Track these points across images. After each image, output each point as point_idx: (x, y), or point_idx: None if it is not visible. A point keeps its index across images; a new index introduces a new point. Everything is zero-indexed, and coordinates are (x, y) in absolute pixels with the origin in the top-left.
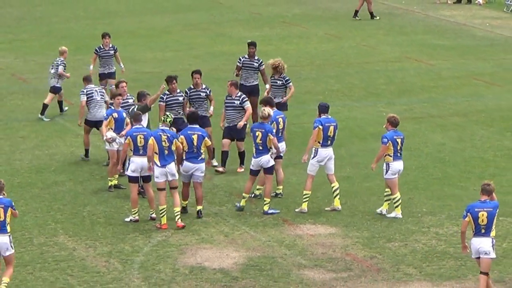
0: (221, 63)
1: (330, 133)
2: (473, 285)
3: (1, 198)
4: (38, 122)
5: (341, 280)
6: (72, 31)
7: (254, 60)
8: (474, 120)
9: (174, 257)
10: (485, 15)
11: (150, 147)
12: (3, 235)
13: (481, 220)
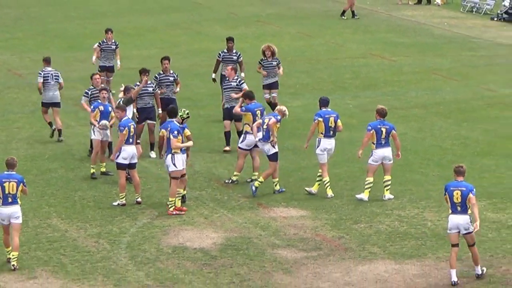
0: (201, 60)
1: (331, 124)
2: (432, 263)
3: (15, 174)
4: (33, 114)
5: (311, 259)
6: (65, 31)
7: (232, 53)
8: (433, 111)
9: (158, 237)
10: (443, 15)
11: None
12: (15, 205)
13: (455, 198)
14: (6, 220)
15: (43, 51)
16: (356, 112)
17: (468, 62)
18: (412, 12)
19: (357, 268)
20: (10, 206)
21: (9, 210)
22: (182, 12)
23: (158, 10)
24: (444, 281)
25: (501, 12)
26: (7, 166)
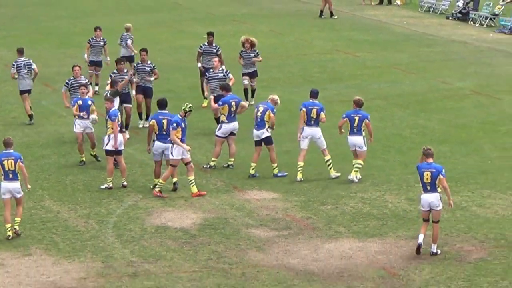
0: (182, 56)
1: (313, 114)
2: (392, 241)
3: (12, 152)
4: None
5: (282, 237)
6: (56, 29)
7: (212, 46)
8: (393, 103)
9: (142, 218)
10: (403, 15)
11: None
12: (16, 182)
13: (426, 179)
14: (8, 194)
15: (37, 48)
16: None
17: (425, 58)
18: (374, 12)
19: (324, 245)
20: (12, 181)
21: (11, 185)
22: (164, 12)
23: (142, 10)
24: (403, 258)
25: (455, 12)
26: (4, 145)
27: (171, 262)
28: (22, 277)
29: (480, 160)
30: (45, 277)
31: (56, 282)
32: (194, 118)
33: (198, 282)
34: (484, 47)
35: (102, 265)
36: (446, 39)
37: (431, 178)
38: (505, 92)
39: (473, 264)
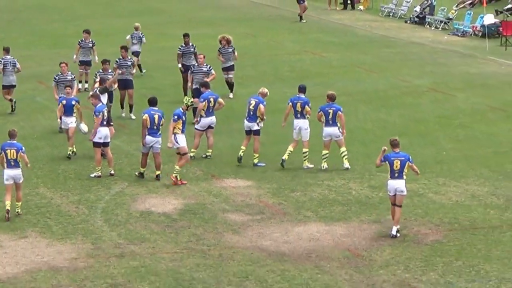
0: (165, 56)
1: (298, 108)
2: (356, 225)
3: (15, 142)
4: (23, 101)
5: (256, 221)
6: (50, 31)
7: (189, 46)
8: (357, 99)
9: (128, 204)
10: (366, 19)
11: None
12: (17, 169)
13: (395, 166)
14: (10, 180)
15: (32, 48)
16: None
17: (386, 58)
18: (339, 16)
19: (294, 229)
20: (13, 169)
21: (13, 172)
22: (148, 16)
23: (128, 14)
24: (366, 240)
25: (413, 16)
26: (9, 136)
27: (154, 244)
28: (19, 258)
29: (436, 151)
30: (40, 257)
31: (49, 262)
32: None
33: (179, 262)
34: (440, 48)
35: (91, 246)
36: (405, 41)
37: (400, 165)
38: (458, 89)
39: (430, 245)
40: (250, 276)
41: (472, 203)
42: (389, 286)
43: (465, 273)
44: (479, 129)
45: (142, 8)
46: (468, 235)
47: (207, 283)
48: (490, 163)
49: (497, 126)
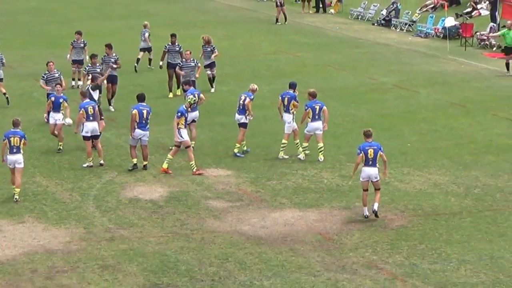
0: (153, 55)
1: (285, 102)
2: (328, 211)
3: (18, 131)
4: (21, 97)
5: (235, 208)
6: (45, 32)
7: (175, 45)
8: (328, 95)
9: (117, 191)
10: (336, 21)
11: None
12: (19, 154)
13: (369, 155)
14: (12, 164)
15: (29, 48)
16: (269, 95)
17: (355, 57)
18: (312, 19)
19: (270, 215)
20: (15, 154)
21: (15, 157)
22: (136, 18)
23: (118, 17)
24: (337, 225)
25: (379, 19)
26: (13, 125)
27: (142, 228)
28: (17, 241)
29: (401, 143)
30: (36, 241)
31: (45, 245)
32: (161, 107)
33: (164, 245)
34: (404, 48)
35: (84, 231)
36: (372, 42)
37: (373, 154)
38: (421, 86)
39: (395, 230)
40: (230, 258)
41: (434, 191)
42: (358, 267)
43: (428, 256)
44: (440, 123)
45: (130, 11)
46: (430, 221)
47: (191, 265)
48: (451, 154)
49: (457, 120)
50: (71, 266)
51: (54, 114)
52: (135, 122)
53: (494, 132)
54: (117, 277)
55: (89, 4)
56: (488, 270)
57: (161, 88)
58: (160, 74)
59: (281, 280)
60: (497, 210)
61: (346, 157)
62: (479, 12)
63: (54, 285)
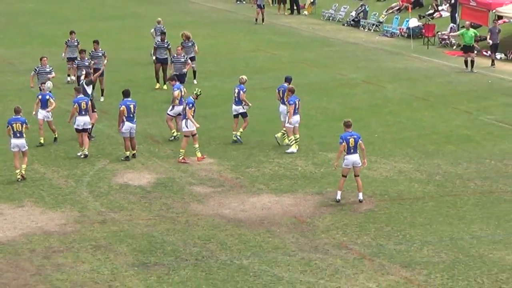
0: (141, 54)
1: (280, 94)
2: (302, 196)
3: (20, 117)
4: (21, 91)
5: (217, 193)
6: (43, 32)
7: (164, 42)
8: (302, 90)
9: (109, 178)
10: (309, 22)
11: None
12: (22, 139)
13: (351, 143)
14: (16, 148)
15: (28, 46)
16: (248, 90)
17: (326, 55)
18: (287, 20)
19: (249, 199)
20: (19, 139)
21: (19, 141)
22: (127, 19)
23: (110, 18)
24: (310, 209)
25: (349, 20)
26: (15, 112)
27: (131, 212)
28: (17, 223)
29: (368, 134)
30: (35, 223)
31: (43, 227)
32: (149, 100)
33: (152, 227)
34: (371, 47)
35: (78, 214)
36: (342, 41)
37: (354, 142)
38: (387, 81)
39: (363, 213)
40: (212, 239)
41: (399, 178)
42: (330, 247)
43: (394, 237)
44: (405, 115)
45: (122, 13)
46: (396, 205)
47: (176, 245)
48: (414, 144)
49: (420, 113)
50: (66, 247)
51: (42, 111)
52: (123, 117)
53: (454, 124)
54: (108, 256)
55: (83, 6)
56: (448, 250)
57: (149, 83)
58: (148, 71)
59: (258, 259)
60: (457, 195)
61: (318, 146)
62: (440, 13)
63: (51, 264)
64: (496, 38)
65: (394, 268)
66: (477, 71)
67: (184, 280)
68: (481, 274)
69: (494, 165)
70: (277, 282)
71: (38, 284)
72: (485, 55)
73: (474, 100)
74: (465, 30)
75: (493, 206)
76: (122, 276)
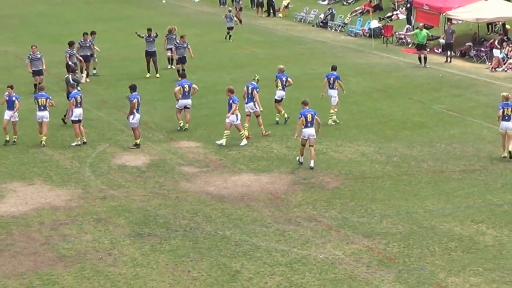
0: (134, 50)
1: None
2: (277, 175)
3: (44, 93)
4: (30, 83)
5: (203, 173)
6: (49, 32)
7: (151, 37)
8: None
9: (108, 159)
10: (283, 23)
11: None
12: (46, 111)
13: (308, 118)
14: (41, 119)
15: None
16: (231, 83)
17: (299, 52)
18: (264, 21)
19: (231, 178)
20: (43, 111)
21: (42, 113)
22: (123, 21)
23: (108, 19)
24: (284, 186)
25: (318, 21)
26: (39, 90)
27: (128, 189)
28: (28, 199)
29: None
30: (44, 199)
31: (51, 202)
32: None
33: (146, 202)
34: (338, 45)
35: (82, 191)
36: (312, 40)
37: (311, 118)
38: (352, 75)
39: (331, 190)
40: (199, 213)
41: (362, 159)
42: (301, 220)
43: (357, 211)
44: (367, 105)
45: (117, 15)
46: (359, 183)
47: (167, 218)
48: (375, 130)
49: (380, 102)
50: (71, 219)
51: (8, 111)
52: (134, 109)
53: (410, 112)
54: (108, 228)
55: (84, 9)
56: (404, 222)
57: (141, 75)
58: (139, 65)
59: (239, 230)
60: (412, 174)
61: (291, 132)
62: (397, 16)
63: (57, 235)
64: (450, 38)
65: (357, 238)
66: (429, 66)
67: (174, 249)
68: (433, 243)
69: (444, 148)
70: (255, 250)
71: (46, 252)
72: (436, 52)
73: (427, 91)
74: (418, 30)
75: (443, 184)
76: (120, 245)
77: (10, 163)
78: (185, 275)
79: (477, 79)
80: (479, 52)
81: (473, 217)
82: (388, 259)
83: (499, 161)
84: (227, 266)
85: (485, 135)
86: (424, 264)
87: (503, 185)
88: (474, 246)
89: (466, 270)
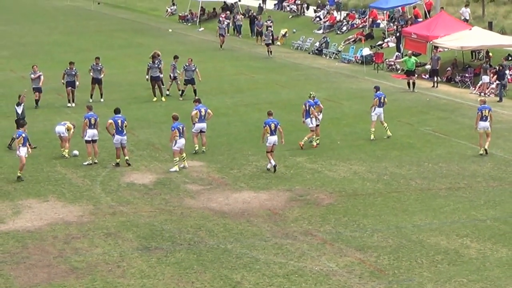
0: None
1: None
2: (275, 192)
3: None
4: (47, 106)
5: (206, 190)
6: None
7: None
8: (275, 106)
9: (118, 178)
10: (281, 51)
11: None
12: (62, 126)
13: (272, 127)
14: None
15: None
16: (231, 106)
17: (295, 78)
18: (263, 49)
19: (232, 195)
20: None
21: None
22: (131, 48)
23: (118, 47)
24: (282, 203)
25: (314, 49)
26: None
27: (136, 205)
28: (43, 215)
29: (330, 142)
30: (57, 215)
31: (64, 218)
32: (150, 114)
33: (153, 218)
34: (332, 71)
35: (93, 207)
36: (308, 66)
37: (274, 126)
38: (345, 99)
39: (325, 207)
40: (202, 228)
41: (354, 178)
42: (298, 234)
43: (350, 226)
44: (359, 127)
45: (127, 43)
46: (351, 200)
47: (173, 232)
48: (367, 150)
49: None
50: (83, 234)
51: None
52: (113, 130)
53: (399, 134)
54: (117, 242)
55: (96, 38)
56: (394, 236)
57: (150, 100)
58: (149, 90)
59: (240, 244)
60: (401, 192)
61: (288, 152)
62: (387, 44)
63: (70, 248)
64: (435, 64)
65: (350, 251)
66: (417, 91)
67: (179, 261)
68: (420, 256)
69: (431, 167)
70: (255, 262)
71: (59, 264)
72: (424, 78)
73: (415, 114)
74: (407, 57)
75: (430, 201)
76: (128, 258)
77: (26, 181)
78: (189, 286)
79: (462, 103)
80: (464, 78)
81: (458, 231)
82: (379, 271)
83: (483, 179)
84: (229, 277)
85: (469, 155)
86: (412, 276)
87: (486, 201)
88: (459, 259)
89: (452, 281)
